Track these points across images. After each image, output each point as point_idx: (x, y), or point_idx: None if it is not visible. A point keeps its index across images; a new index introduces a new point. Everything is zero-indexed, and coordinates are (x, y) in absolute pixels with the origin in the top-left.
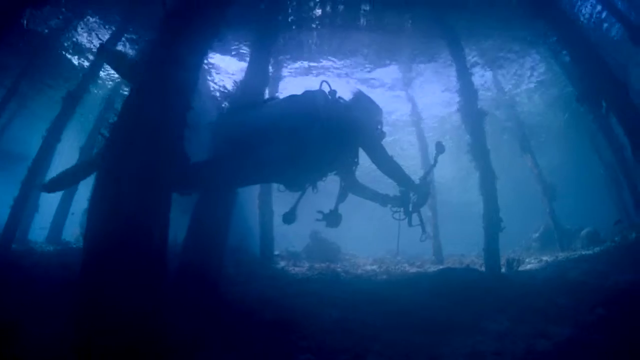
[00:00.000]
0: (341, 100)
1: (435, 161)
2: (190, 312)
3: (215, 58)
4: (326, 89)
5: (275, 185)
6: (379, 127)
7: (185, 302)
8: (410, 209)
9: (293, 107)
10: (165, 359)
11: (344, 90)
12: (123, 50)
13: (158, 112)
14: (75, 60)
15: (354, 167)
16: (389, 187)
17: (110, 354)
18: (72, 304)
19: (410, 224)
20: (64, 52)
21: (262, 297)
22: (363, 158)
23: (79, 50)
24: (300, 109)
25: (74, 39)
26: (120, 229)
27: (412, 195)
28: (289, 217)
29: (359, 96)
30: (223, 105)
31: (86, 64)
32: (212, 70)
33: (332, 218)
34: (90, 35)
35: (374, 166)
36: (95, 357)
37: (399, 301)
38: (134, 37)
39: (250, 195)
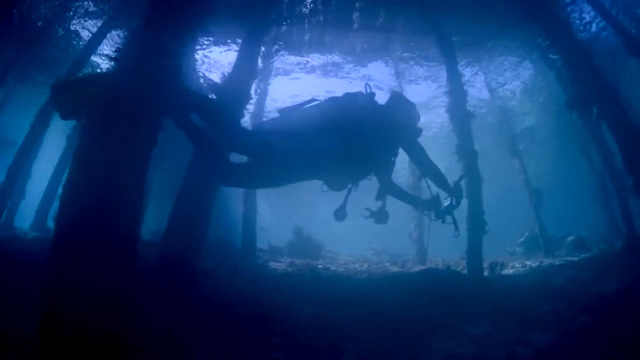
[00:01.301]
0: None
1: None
2: (166, 304)
3: (206, 50)
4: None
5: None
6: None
7: (162, 294)
8: (442, 212)
9: (341, 107)
10: (134, 351)
11: (343, 88)
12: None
13: (136, 99)
14: (68, 47)
15: (392, 167)
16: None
17: (75, 343)
18: (39, 291)
19: (443, 221)
20: (57, 39)
21: (240, 291)
22: None
23: (72, 37)
24: (349, 109)
25: (67, 26)
26: (89, 215)
27: (446, 198)
28: (340, 214)
29: (397, 96)
30: (210, 96)
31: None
32: (204, 62)
33: (380, 215)
34: (85, 22)
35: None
36: (60, 346)
37: (378, 300)
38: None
39: (235, 189)
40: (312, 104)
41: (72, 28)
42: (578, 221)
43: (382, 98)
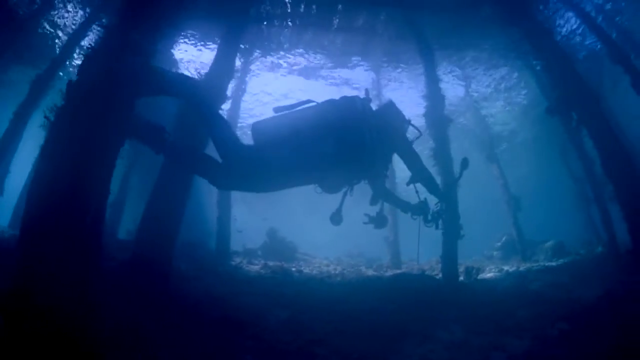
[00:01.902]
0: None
1: (461, 175)
2: (135, 304)
3: (183, 49)
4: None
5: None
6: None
7: (133, 294)
8: (432, 217)
9: (340, 110)
10: (101, 352)
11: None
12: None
13: (104, 96)
14: (54, 40)
15: (386, 172)
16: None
17: (38, 341)
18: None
19: (437, 227)
20: (43, 31)
21: (211, 294)
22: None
23: (57, 29)
24: (347, 113)
25: (52, 19)
26: (53, 212)
27: (436, 204)
28: (336, 218)
29: (390, 104)
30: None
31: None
32: (181, 62)
33: (379, 220)
34: (69, 15)
35: None
36: (23, 344)
37: (351, 304)
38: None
39: (210, 191)
40: (309, 104)
41: (55, 21)
42: (557, 226)
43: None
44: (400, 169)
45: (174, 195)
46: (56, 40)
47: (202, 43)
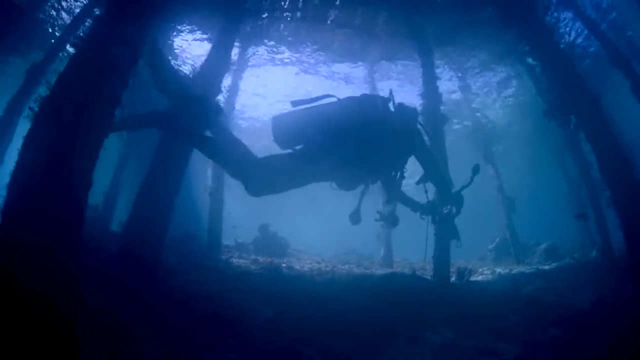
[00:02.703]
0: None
1: (471, 181)
2: (122, 298)
3: (182, 41)
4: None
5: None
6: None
7: (119, 288)
8: (441, 219)
9: (360, 109)
10: (81, 345)
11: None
12: None
13: (89, 87)
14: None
15: (403, 173)
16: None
17: (17, 332)
18: None
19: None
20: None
21: (199, 289)
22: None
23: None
24: (368, 111)
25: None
26: (34, 204)
27: (447, 206)
28: (355, 217)
29: (404, 105)
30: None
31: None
32: (180, 54)
33: (391, 219)
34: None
35: None
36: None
37: (339, 303)
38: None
39: (203, 185)
40: (329, 99)
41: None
42: (551, 229)
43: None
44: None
45: (164, 188)
46: (53, 30)
47: (199, 35)
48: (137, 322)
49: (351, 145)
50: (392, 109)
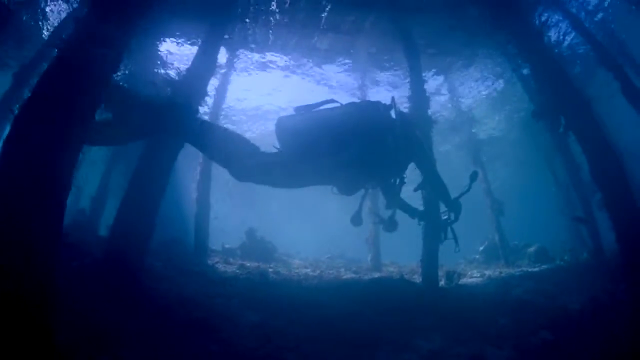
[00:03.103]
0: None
1: (469, 188)
2: (105, 304)
3: (169, 44)
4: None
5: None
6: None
7: (103, 294)
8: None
9: (363, 115)
10: (63, 351)
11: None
12: None
13: (69, 89)
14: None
15: (402, 180)
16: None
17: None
18: None
19: (445, 237)
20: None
21: (183, 294)
22: None
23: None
24: (370, 118)
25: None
26: (10, 206)
27: (445, 212)
28: (357, 219)
29: (405, 113)
30: (167, 91)
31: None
32: (166, 57)
33: (390, 224)
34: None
35: None
36: None
37: (326, 309)
38: None
39: (190, 189)
40: (332, 105)
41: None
42: (541, 231)
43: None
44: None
45: (148, 192)
46: (43, 31)
47: (184, 39)
48: (119, 328)
49: (352, 149)
50: (393, 116)
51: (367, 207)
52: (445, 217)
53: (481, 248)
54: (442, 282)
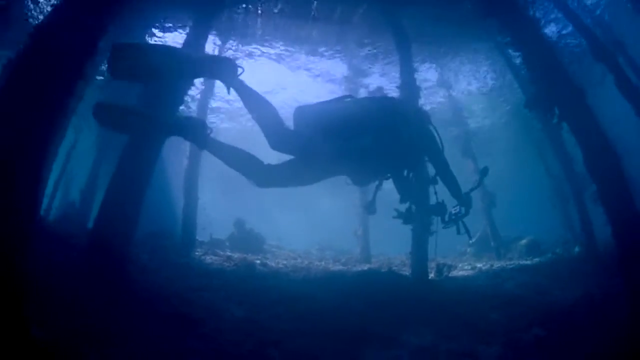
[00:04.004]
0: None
1: (480, 182)
2: (89, 298)
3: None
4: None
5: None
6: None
7: (87, 287)
8: (450, 218)
9: (379, 108)
10: (46, 346)
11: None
12: None
13: (42, 75)
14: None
15: (414, 172)
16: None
17: None
18: None
19: (458, 231)
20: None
21: (167, 287)
22: None
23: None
24: (386, 112)
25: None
26: None
27: (456, 207)
28: (371, 208)
29: (421, 109)
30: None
31: None
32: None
33: (408, 216)
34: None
35: None
36: None
37: (312, 302)
38: None
39: (179, 181)
40: (349, 99)
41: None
42: (533, 223)
43: (337, 93)
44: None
45: (133, 184)
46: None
47: (172, 26)
48: (103, 322)
49: (367, 141)
50: (408, 109)
51: (357, 200)
52: (457, 211)
53: (472, 240)
54: (432, 275)
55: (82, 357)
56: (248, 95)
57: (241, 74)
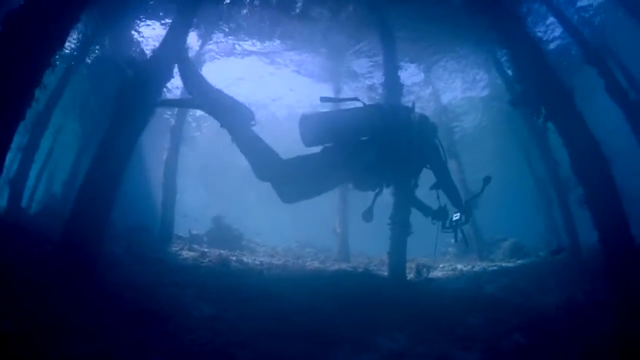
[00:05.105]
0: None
1: (482, 191)
2: (57, 292)
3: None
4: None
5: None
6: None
7: (57, 281)
8: (448, 224)
9: (385, 118)
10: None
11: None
12: None
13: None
14: None
15: (416, 182)
16: None
17: None
18: None
19: (456, 239)
20: None
21: (138, 283)
22: None
23: None
24: (391, 122)
25: None
26: None
27: (456, 213)
28: (367, 216)
29: (425, 118)
30: (128, 73)
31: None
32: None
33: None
34: None
35: None
36: None
37: (285, 301)
38: None
39: (157, 174)
40: (356, 104)
41: None
42: (517, 225)
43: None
44: None
45: (107, 177)
46: None
47: (153, 17)
48: (68, 317)
49: (373, 150)
50: (413, 119)
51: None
52: (457, 218)
53: (453, 241)
54: (411, 276)
55: (38, 349)
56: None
57: (254, 125)
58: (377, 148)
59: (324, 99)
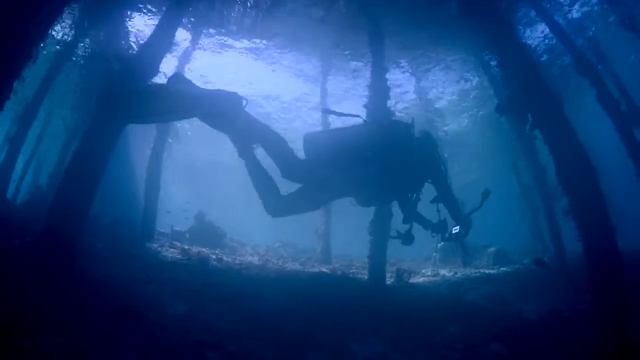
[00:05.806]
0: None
1: (481, 205)
2: (32, 284)
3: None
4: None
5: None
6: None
7: (35, 274)
8: (449, 237)
9: (386, 135)
10: None
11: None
12: None
13: None
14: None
15: (418, 196)
16: None
17: None
18: None
19: (461, 250)
20: None
21: (115, 278)
22: None
23: None
24: (392, 139)
25: None
26: None
27: (455, 226)
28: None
29: (427, 134)
30: (115, 67)
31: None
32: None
33: (407, 238)
34: None
35: None
36: None
37: (261, 302)
38: None
39: (142, 169)
40: (357, 120)
41: None
42: (502, 233)
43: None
44: None
45: (88, 172)
46: None
47: (142, 10)
48: (44, 311)
49: (375, 168)
50: (415, 135)
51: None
52: (456, 231)
53: (439, 245)
54: (391, 280)
55: (10, 342)
56: (254, 129)
57: (246, 105)
58: (380, 165)
59: (325, 111)
